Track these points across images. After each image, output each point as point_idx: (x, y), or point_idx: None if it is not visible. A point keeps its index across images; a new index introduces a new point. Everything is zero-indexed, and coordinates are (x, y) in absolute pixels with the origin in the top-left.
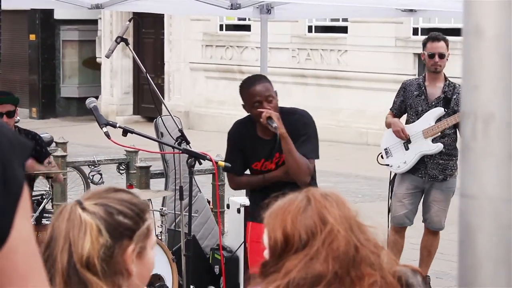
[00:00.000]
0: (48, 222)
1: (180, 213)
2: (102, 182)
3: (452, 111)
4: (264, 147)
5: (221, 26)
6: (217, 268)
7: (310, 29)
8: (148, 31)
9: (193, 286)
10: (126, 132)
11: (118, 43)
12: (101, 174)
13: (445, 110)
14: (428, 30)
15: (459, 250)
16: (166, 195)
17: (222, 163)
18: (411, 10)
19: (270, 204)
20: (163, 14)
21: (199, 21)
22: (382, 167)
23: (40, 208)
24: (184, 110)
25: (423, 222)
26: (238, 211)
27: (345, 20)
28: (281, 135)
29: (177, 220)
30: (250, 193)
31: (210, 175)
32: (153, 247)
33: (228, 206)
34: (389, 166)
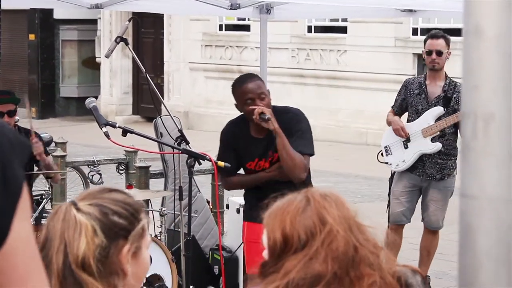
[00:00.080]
0: None
1: (179, 213)
2: (102, 182)
3: (452, 110)
4: (257, 147)
5: (220, 26)
6: (216, 268)
7: (309, 29)
8: (147, 31)
9: (192, 286)
10: (125, 132)
11: (118, 43)
12: (100, 174)
13: (444, 109)
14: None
15: (459, 250)
16: (166, 195)
17: (221, 163)
18: (411, 10)
19: (269, 204)
20: (163, 14)
21: (199, 21)
22: (382, 167)
23: (39, 208)
24: (183, 110)
25: (422, 222)
26: (238, 211)
27: (344, 20)
28: (274, 131)
29: (176, 220)
30: (244, 193)
31: (209, 175)
32: (148, 247)
33: (227, 206)
34: (388, 164)
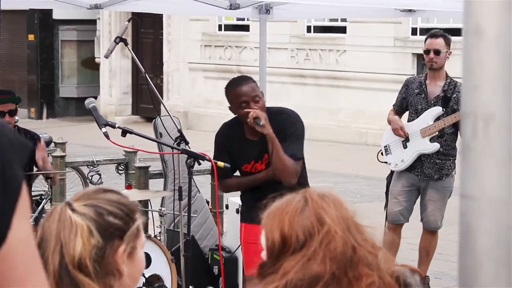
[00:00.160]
0: None
1: (179, 213)
2: (101, 183)
3: (451, 110)
4: (252, 149)
5: (220, 26)
6: (216, 268)
7: (309, 29)
8: (147, 31)
9: (192, 287)
10: (125, 132)
11: (117, 43)
12: (100, 175)
13: (443, 110)
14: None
15: (459, 250)
16: (165, 196)
17: (221, 164)
18: (410, 10)
19: (267, 205)
20: (162, 14)
21: (198, 21)
22: (382, 167)
23: (39, 208)
24: (183, 110)
25: (421, 222)
26: (237, 212)
27: (344, 20)
28: (267, 136)
29: (176, 220)
30: (240, 194)
31: (209, 176)
32: (143, 247)
33: (227, 207)
34: (387, 163)
